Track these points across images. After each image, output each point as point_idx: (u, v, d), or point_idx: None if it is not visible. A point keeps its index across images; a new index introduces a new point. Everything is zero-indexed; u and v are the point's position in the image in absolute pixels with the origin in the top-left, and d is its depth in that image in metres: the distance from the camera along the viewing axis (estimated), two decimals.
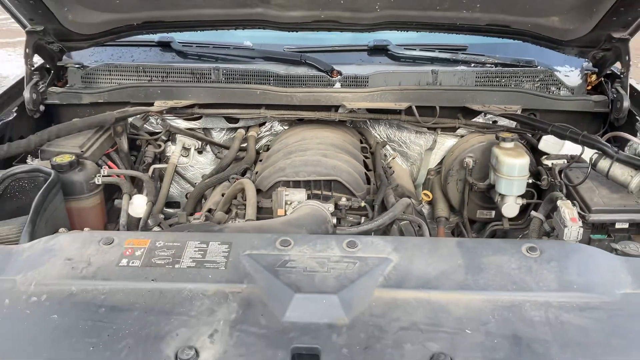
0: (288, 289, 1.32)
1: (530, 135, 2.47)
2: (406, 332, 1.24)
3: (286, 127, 2.72)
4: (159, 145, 2.57)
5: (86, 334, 1.23)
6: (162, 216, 2.06)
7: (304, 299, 1.30)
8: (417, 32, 2.39)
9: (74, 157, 1.99)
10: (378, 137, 2.71)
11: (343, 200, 2.06)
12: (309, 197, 2.03)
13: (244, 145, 2.62)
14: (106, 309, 1.30)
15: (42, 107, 2.43)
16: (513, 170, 2.18)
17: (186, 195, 2.79)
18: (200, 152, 2.73)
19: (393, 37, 2.66)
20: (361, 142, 2.60)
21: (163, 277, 1.38)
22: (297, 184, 2.09)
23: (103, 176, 2.03)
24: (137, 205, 1.93)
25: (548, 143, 2.41)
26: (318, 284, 1.34)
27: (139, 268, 1.41)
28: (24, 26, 2.29)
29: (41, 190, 1.73)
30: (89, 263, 1.42)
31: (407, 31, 2.38)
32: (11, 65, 9.61)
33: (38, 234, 1.67)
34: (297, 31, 2.36)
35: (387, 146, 2.70)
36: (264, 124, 2.73)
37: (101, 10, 2.22)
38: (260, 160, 2.44)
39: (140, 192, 2.20)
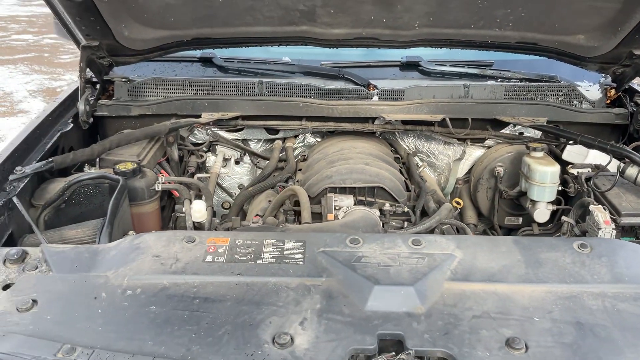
0: (367, 282, 1.43)
1: (554, 146, 2.63)
2: (479, 319, 1.36)
3: (318, 139, 2.85)
4: (201, 156, 2.69)
5: (186, 323, 1.33)
6: (217, 221, 2.17)
7: (383, 290, 1.41)
8: (450, 49, 2.54)
9: (135, 164, 2.09)
10: (407, 148, 2.85)
11: (387, 206, 2.18)
12: (355, 203, 2.16)
13: (281, 155, 2.75)
14: (200, 300, 1.40)
15: (91, 119, 2.53)
16: (545, 177, 2.32)
17: (222, 204, 2.90)
18: (237, 163, 2.85)
19: (423, 54, 2.82)
20: (392, 153, 2.74)
21: (248, 271, 1.49)
22: (343, 190, 2.22)
23: (162, 183, 2.13)
24: (197, 210, 2.04)
25: (572, 153, 2.57)
26: (394, 276, 1.46)
27: (224, 263, 1.51)
28: (78, 42, 2.39)
29: (115, 194, 1.84)
30: (176, 259, 1.52)
31: (441, 48, 2.53)
32: (14, 81, 9.70)
33: (113, 235, 1.77)
34: (337, 47, 2.50)
35: (416, 157, 2.84)
36: (297, 135, 2.86)
37: (155, 27, 2.34)
38: (300, 170, 2.57)
39: None
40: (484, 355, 1.25)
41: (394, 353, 1.28)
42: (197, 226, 2.10)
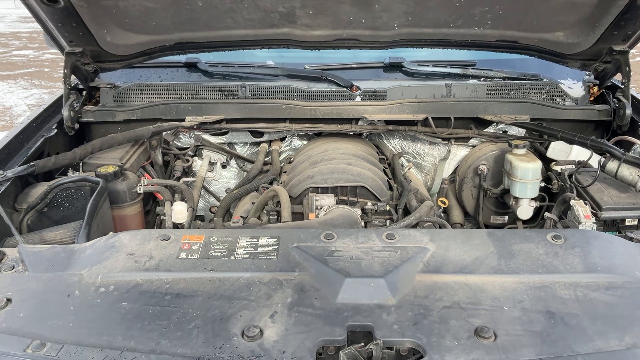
0: (338, 275, 1.43)
1: (538, 144, 2.63)
2: (449, 310, 1.36)
3: (305, 142, 2.86)
4: (187, 160, 2.71)
5: (156, 318, 1.34)
6: (200, 223, 2.18)
7: (354, 282, 1.42)
8: (431, 48, 2.56)
9: (117, 167, 2.11)
10: (393, 149, 2.86)
11: (369, 205, 2.19)
12: (337, 203, 2.16)
13: (267, 159, 2.76)
14: (171, 296, 1.40)
15: (76, 125, 2.55)
16: (527, 173, 2.32)
17: (210, 209, 2.91)
18: (224, 167, 2.87)
19: (406, 55, 2.84)
20: (378, 154, 2.75)
21: (221, 267, 1.50)
22: (325, 190, 2.23)
23: (144, 186, 2.14)
24: (178, 211, 2.05)
25: (556, 150, 2.58)
26: (365, 269, 1.46)
27: (197, 260, 1.52)
28: (62, 48, 2.41)
29: (94, 196, 1.85)
30: (150, 257, 1.53)
31: (422, 48, 2.55)
32: (14, 96, 9.78)
33: (91, 236, 1.78)
34: (319, 49, 2.52)
35: (402, 158, 2.85)
36: (284, 139, 2.88)
37: (137, 32, 2.37)
38: (285, 172, 2.58)
39: None
40: (452, 345, 1.25)
41: (362, 344, 1.28)
42: (178, 227, 2.11)
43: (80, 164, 2.23)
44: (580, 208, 2.06)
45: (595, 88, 2.71)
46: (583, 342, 1.26)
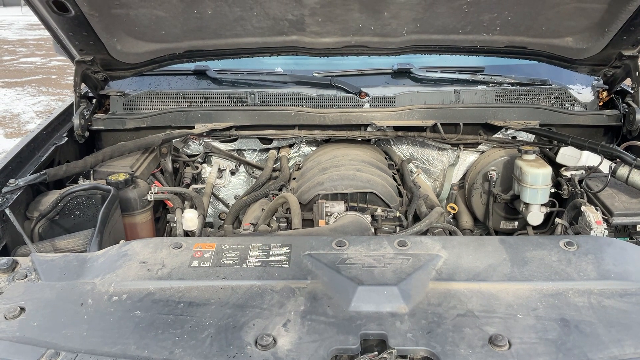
0: (351, 282, 1.43)
1: (547, 149, 2.63)
2: (463, 318, 1.35)
3: (314, 149, 2.86)
4: (196, 167, 2.71)
5: (170, 326, 1.34)
6: (210, 229, 2.19)
7: (367, 290, 1.41)
8: (440, 55, 2.56)
9: (128, 175, 2.12)
10: (402, 155, 2.86)
11: (379, 211, 2.18)
12: (347, 209, 2.16)
13: (276, 165, 2.77)
14: (184, 304, 1.40)
15: (87, 133, 2.56)
16: (537, 179, 2.31)
17: (219, 215, 2.92)
18: (233, 174, 2.87)
19: (415, 61, 2.84)
20: (387, 160, 2.75)
21: (233, 275, 1.50)
22: (335, 197, 2.23)
23: (154, 193, 2.15)
24: (189, 218, 2.05)
25: (565, 156, 2.57)
26: (378, 277, 1.46)
27: (209, 268, 1.52)
28: (72, 57, 2.43)
29: (105, 204, 1.86)
30: (162, 265, 1.53)
31: (431, 54, 2.55)
32: (21, 103, 9.85)
33: (103, 244, 1.78)
34: (327, 56, 2.53)
35: (411, 164, 2.85)
36: (292, 145, 2.88)
37: (147, 40, 2.38)
38: (294, 179, 2.58)
39: None
40: (466, 353, 1.24)
41: (376, 353, 1.28)
42: (189, 234, 2.11)
43: (91, 172, 2.23)
44: (592, 214, 2.05)
45: (605, 93, 2.70)
46: (598, 350, 1.25)
